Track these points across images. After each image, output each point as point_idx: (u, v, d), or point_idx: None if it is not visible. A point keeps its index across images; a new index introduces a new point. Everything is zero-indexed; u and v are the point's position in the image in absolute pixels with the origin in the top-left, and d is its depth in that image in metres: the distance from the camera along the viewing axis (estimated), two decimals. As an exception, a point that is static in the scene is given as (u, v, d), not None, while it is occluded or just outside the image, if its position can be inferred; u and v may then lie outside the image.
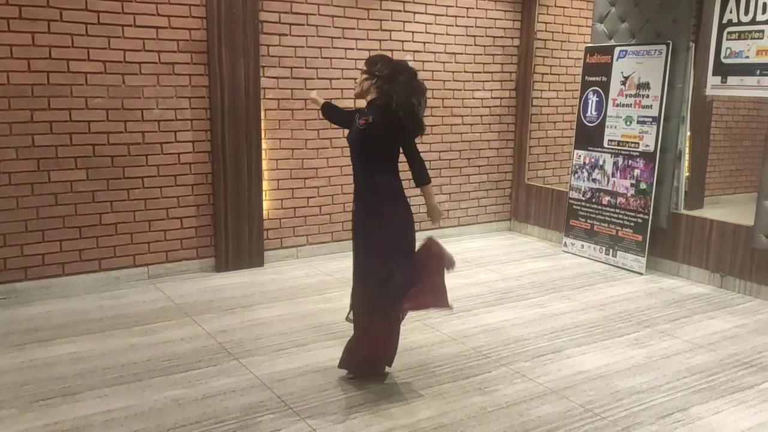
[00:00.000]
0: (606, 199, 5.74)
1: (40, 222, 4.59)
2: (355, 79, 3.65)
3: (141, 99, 4.81)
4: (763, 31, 4.61)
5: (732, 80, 4.83)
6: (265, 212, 5.46)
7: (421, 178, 3.26)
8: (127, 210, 4.88)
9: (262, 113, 5.30)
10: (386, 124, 3.15)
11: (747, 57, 4.72)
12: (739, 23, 4.74)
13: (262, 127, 5.31)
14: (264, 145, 5.36)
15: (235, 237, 5.28)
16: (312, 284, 5.02)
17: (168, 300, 4.62)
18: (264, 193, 5.42)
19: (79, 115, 4.62)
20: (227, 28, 4.98)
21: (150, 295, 4.72)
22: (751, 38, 4.68)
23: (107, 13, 4.61)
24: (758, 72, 4.66)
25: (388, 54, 5.80)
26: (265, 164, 5.39)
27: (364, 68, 3.31)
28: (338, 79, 5.63)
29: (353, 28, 5.63)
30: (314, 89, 5.52)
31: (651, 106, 5.36)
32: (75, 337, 3.95)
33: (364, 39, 5.69)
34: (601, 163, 5.77)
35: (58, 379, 3.41)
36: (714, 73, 4.93)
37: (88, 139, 4.67)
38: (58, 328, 4.10)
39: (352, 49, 5.65)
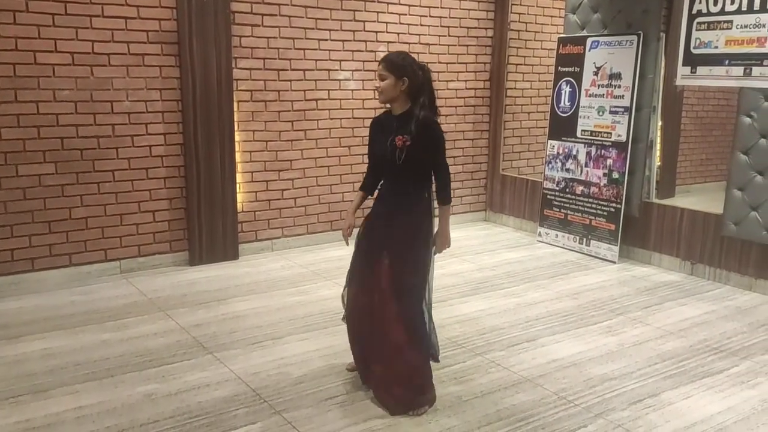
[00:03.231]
0: (579, 188, 5.79)
1: (8, 217, 4.50)
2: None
3: (110, 91, 4.73)
4: (731, 22, 4.67)
5: (701, 70, 4.89)
6: (239, 205, 5.41)
7: (448, 196, 3.06)
8: (98, 204, 4.81)
9: (235, 105, 5.24)
10: (423, 140, 2.92)
11: (716, 47, 4.78)
12: (709, 14, 4.80)
13: (235, 119, 5.26)
14: (237, 137, 5.31)
15: (208, 230, 5.23)
16: (287, 277, 5.00)
17: (141, 294, 4.57)
18: (238, 185, 5.37)
19: (47, 108, 4.53)
20: (198, 19, 4.91)
21: (122, 289, 4.66)
22: (720, 29, 4.74)
23: (74, 4, 4.52)
24: (727, 62, 4.72)
25: (362, 45, 5.80)
26: (238, 156, 5.34)
27: (387, 71, 2.94)
28: (312, 70, 5.59)
29: (326, 19, 5.59)
30: (290, 79, 5.49)
31: (623, 96, 5.41)
32: (46, 333, 3.89)
33: (337, 30, 5.66)
34: (574, 153, 5.82)
35: (29, 375, 3.35)
36: (684, 63, 4.99)
37: (57, 132, 4.59)
38: (28, 324, 4.03)
39: (326, 39, 5.62)
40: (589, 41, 5.66)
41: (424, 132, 2.93)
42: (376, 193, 3.22)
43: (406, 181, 3.02)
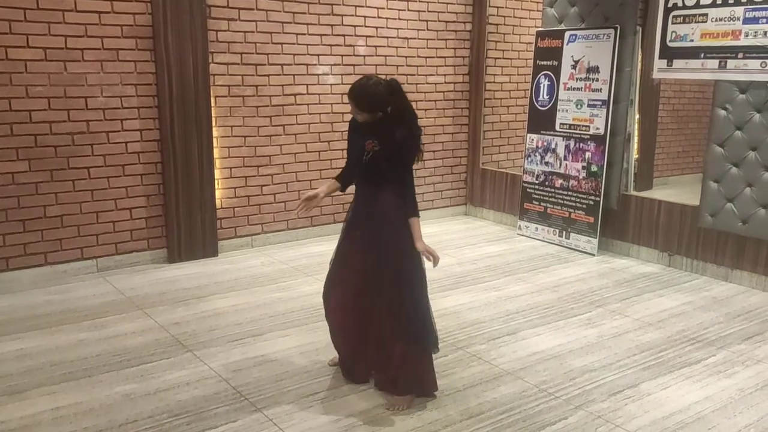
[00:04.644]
0: (558, 182, 5.82)
1: (-20, 216, 4.42)
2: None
3: (84, 87, 4.65)
4: (706, 15, 4.71)
5: (677, 63, 4.93)
6: (217, 201, 5.36)
7: (410, 211, 2.96)
8: (73, 201, 4.73)
9: (212, 100, 5.19)
10: (390, 148, 2.88)
11: (692, 40, 4.82)
12: (684, 7, 4.83)
13: (213, 114, 5.20)
14: (215, 133, 5.25)
15: (187, 227, 5.18)
16: (267, 273, 4.97)
17: (118, 293, 4.51)
18: (216, 181, 5.32)
19: (20, 104, 4.45)
20: (173, 13, 4.85)
21: (99, 288, 4.60)
22: (696, 22, 4.78)
23: (46, -2, 4.45)
24: (702, 55, 4.77)
25: (340, 39, 5.76)
26: (216, 152, 5.29)
27: (359, 110, 2.93)
28: (290, 65, 5.55)
29: (304, 13, 5.55)
30: (268, 75, 5.45)
31: (600, 89, 5.44)
32: (21, 334, 3.82)
33: (315, 24, 5.62)
34: (553, 146, 5.84)
35: (4, 377, 3.29)
36: (660, 57, 5.02)
37: (30, 128, 4.50)
38: (3, 324, 3.95)
39: (304, 34, 5.58)
40: (567, 35, 5.68)
41: (389, 142, 2.88)
42: (352, 195, 3.20)
43: (377, 186, 2.97)
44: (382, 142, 2.90)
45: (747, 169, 4.66)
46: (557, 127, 5.80)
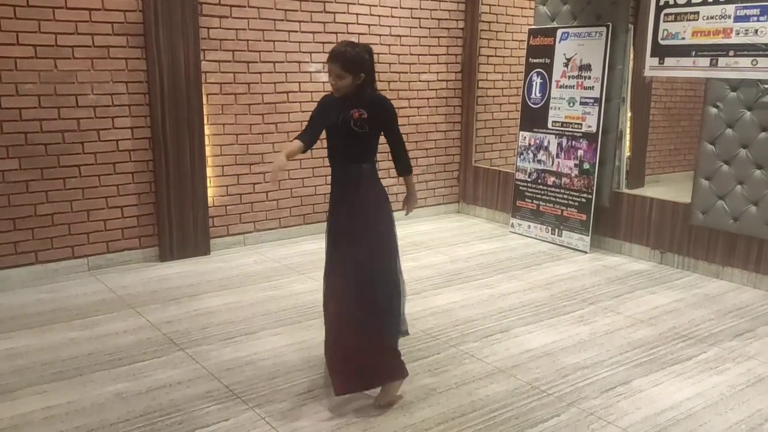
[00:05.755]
0: (551, 179, 5.83)
1: (-30, 214, 4.39)
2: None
3: (75, 84, 4.62)
4: (698, 13, 4.73)
5: (669, 61, 4.95)
6: (210, 199, 5.34)
7: (409, 166, 3.31)
8: (64, 200, 4.70)
9: (204, 98, 5.17)
10: (379, 115, 3.04)
11: (683, 38, 4.83)
12: (676, 5, 4.84)
13: (205, 112, 5.18)
14: (207, 131, 5.23)
15: (179, 225, 5.16)
16: (260, 271, 4.96)
17: (110, 291, 4.49)
18: (208, 179, 5.30)
19: (10, 102, 4.41)
20: (164, 10, 4.82)
21: (90, 287, 4.58)
22: (687, 20, 4.80)
23: (36, -6, 4.41)
24: (694, 53, 4.78)
25: (333, 36, 5.75)
26: (208, 150, 5.27)
27: (343, 71, 2.96)
28: (282, 62, 5.53)
29: (296, 10, 5.53)
30: (258, 73, 5.43)
31: (593, 87, 5.45)
32: (11, 333, 3.80)
33: (307, 21, 5.60)
34: (545, 144, 5.85)
35: (-6, 377, 3.28)
36: (652, 55, 5.04)
37: (20, 126, 4.47)
38: (-8, 324, 3.94)
39: (296, 31, 5.56)
40: (559, 33, 5.69)
41: (380, 107, 3.06)
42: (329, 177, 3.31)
43: (359, 159, 3.09)
44: (371, 111, 3.01)
45: (738, 167, 4.68)
46: (549, 125, 5.81)
